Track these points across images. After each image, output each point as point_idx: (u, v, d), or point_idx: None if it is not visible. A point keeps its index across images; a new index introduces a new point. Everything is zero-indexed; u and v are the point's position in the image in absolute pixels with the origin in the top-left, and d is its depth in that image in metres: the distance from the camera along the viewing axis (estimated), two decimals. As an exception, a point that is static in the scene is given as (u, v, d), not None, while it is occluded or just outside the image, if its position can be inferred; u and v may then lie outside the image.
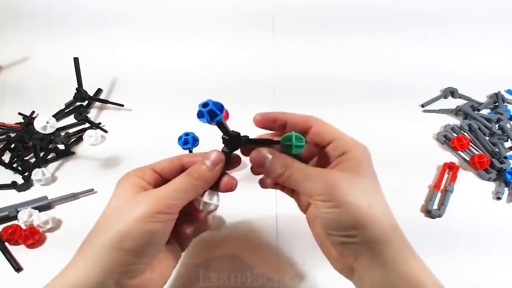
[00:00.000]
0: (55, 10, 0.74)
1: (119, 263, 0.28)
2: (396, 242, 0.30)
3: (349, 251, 0.30)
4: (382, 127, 0.60)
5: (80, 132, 0.60)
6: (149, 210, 0.28)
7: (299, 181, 0.30)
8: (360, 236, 0.28)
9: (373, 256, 0.29)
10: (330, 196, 0.29)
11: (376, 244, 0.29)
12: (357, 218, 0.28)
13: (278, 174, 0.30)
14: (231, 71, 0.71)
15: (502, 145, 0.56)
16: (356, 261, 0.29)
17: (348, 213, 0.28)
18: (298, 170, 0.30)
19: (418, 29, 0.73)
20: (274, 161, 0.30)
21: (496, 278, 0.42)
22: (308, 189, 0.30)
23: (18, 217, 0.46)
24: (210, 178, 0.31)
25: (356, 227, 0.28)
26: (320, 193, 0.29)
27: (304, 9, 0.73)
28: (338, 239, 0.29)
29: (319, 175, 0.30)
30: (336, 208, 0.28)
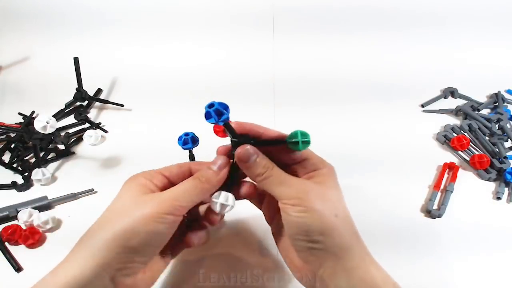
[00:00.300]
0: (55, 10, 0.74)
1: (119, 260, 0.29)
2: (358, 249, 0.31)
3: (314, 257, 0.31)
4: (382, 127, 0.60)
5: (80, 132, 0.60)
6: (157, 210, 0.30)
7: (274, 183, 0.32)
8: (326, 242, 0.30)
9: (337, 262, 0.30)
10: (301, 200, 0.30)
11: (340, 251, 0.30)
12: (324, 225, 0.30)
13: (258, 173, 0.32)
14: (231, 71, 0.71)
15: (502, 145, 0.56)
16: (321, 268, 0.31)
17: (317, 218, 0.30)
18: (276, 174, 0.32)
19: (418, 29, 0.73)
20: (258, 160, 0.32)
21: (496, 278, 0.42)
22: (281, 192, 0.31)
23: (18, 217, 0.46)
24: (216, 182, 0.32)
25: (322, 233, 0.30)
26: (292, 197, 0.31)
27: (304, 9, 0.73)
28: (305, 245, 0.31)
29: (293, 181, 0.32)
30: (305, 213, 0.30)
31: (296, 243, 0.31)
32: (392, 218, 0.47)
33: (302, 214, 0.30)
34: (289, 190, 0.31)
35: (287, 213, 0.31)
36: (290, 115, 0.62)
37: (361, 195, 0.50)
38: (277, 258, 0.43)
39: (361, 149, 0.56)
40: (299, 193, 0.31)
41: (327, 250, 0.30)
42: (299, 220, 0.30)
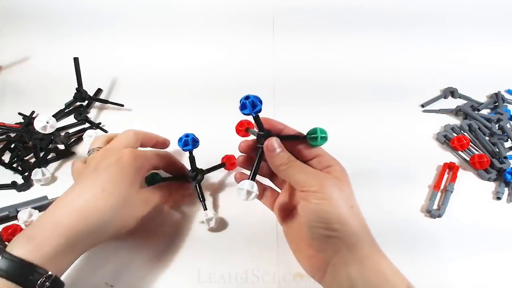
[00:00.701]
0: (55, 10, 0.74)
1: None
2: (369, 241, 0.34)
3: (329, 245, 0.33)
4: (382, 127, 0.60)
5: (80, 132, 0.60)
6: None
7: (297, 172, 0.35)
8: (342, 230, 0.32)
9: (351, 251, 0.32)
10: (322, 187, 0.33)
11: (354, 240, 0.32)
12: (342, 214, 0.33)
13: (281, 163, 0.36)
14: (231, 71, 0.71)
15: (502, 145, 0.56)
16: (335, 256, 0.33)
17: (335, 207, 0.33)
18: (298, 164, 0.36)
19: (418, 29, 0.73)
20: (282, 152, 0.36)
21: (496, 278, 0.42)
22: (302, 180, 0.35)
23: (18, 217, 0.46)
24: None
25: (340, 221, 0.32)
26: (312, 185, 0.34)
27: (304, 9, 0.73)
28: (322, 232, 0.33)
29: (313, 171, 0.36)
30: (325, 200, 0.33)
31: (314, 231, 0.33)
32: (392, 218, 0.47)
33: (323, 201, 0.33)
34: (310, 178, 0.34)
35: (308, 200, 0.33)
36: (290, 115, 0.61)
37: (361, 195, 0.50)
38: (278, 258, 0.43)
39: (361, 149, 0.56)
40: (320, 182, 0.34)
41: (343, 238, 0.32)
42: (319, 208, 0.33)
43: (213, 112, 0.62)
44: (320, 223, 0.33)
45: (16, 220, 0.47)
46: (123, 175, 0.38)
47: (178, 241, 0.45)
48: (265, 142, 0.36)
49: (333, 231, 0.32)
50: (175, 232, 0.46)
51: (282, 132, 0.38)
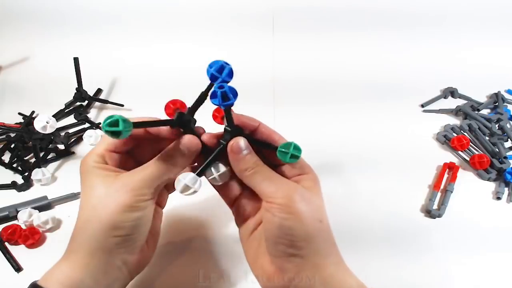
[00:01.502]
0: (55, 10, 0.74)
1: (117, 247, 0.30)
2: (334, 257, 0.31)
3: (292, 265, 0.30)
4: (382, 127, 0.60)
5: (80, 132, 0.60)
6: (131, 199, 0.30)
7: (263, 180, 0.31)
8: (308, 249, 0.29)
9: (315, 271, 0.29)
10: (289, 201, 0.29)
11: (318, 259, 0.30)
12: (309, 231, 0.29)
13: (247, 167, 0.31)
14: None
15: (502, 145, 0.56)
16: (298, 276, 0.30)
17: (303, 222, 0.29)
18: (265, 171, 0.31)
19: (418, 29, 0.73)
20: (249, 155, 0.31)
21: (496, 278, 0.42)
22: (268, 190, 0.31)
23: (18, 217, 0.46)
24: (185, 165, 0.31)
25: (306, 239, 0.29)
26: (278, 196, 0.30)
27: (304, 9, 0.73)
28: (285, 250, 0.30)
29: (281, 181, 0.31)
30: (291, 215, 0.29)
31: (275, 248, 0.30)
32: (392, 218, 0.47)
33: (288, 216, 0.29)
34: (276, 189, 0.30)
35: (272, 213, 0.30)
36: (290, 115, 0.62)
37: (361, 195, 0.50)
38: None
39: (361, 149, 0.56)
40: (286, 193, 0.30)
41: (308, 257, 0.29)
42: (283, 223, 0.29)
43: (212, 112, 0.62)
44: (284, 240, 0.29)
45: (16, 220, 0.47)
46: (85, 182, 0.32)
47: (177, 241, 0.45)
48: (230, 141, 0.31)
49: (298, 249, 0.29)
50: (175, 232, 0.46)
51: (257, 130, 0.33)
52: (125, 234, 0.30)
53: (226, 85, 0.30)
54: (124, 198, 0.29)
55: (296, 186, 0.31)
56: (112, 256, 0.30)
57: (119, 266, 0.31)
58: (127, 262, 0.31)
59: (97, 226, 0.29)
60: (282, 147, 0.31)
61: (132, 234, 0.30)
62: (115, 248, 0.30)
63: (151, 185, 0.30)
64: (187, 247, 0.45)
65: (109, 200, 0.30)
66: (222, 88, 0.29)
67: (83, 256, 0.30)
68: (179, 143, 0.31)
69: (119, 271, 0.31)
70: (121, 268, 0.31)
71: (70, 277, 0.29)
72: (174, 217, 0.48)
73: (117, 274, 0.31)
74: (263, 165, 0.32)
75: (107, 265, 0.30)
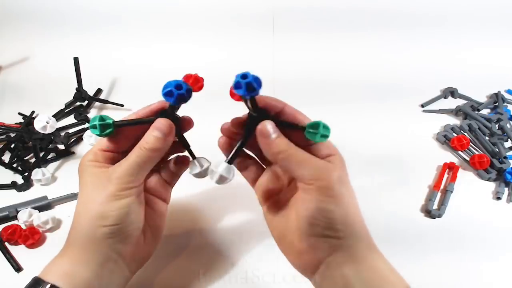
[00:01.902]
0: (55, 10, 0.74)
1: (107, 235, 0.31)
2: (367, 241, 0.31)
3: (327, 245, 0.30)
4: (382, 127, 0.60)
5: (80, 132, 0.60)
6: (114, 190, 0.31)
7: (299, 163, 0.30)
8: (346, 231, 0.30)
9: (349, 252, 0.30)
10: (330, 183, 0.29)
11: (353, 241, 0.30)
12: (349, 215, 0.30)
13: (279, 150, 0.30)
14: (231, 72, 0.70)
15: (502, 145, 0.56)
16: (331, 255, 0.30)
17: (343, 205, 0.30)
18: (299, 153, 0.30)
19: (418, 29, 0.73)
20: (279, 138, 0.30)
21: (496, 278, 0.42)
22: (306, 173, 0.30)
23: (18, 217, 0.46)
24: (163, 148, 0.32)
25: (345, 223, 0.30)
26: (319, 179, 0.29)
27: (304, 10, 0.73)
28: (322, 232, 0.30)
29: (319, 163, 0.30)
30: (332, 198, 0.29)
31: (311, 228, 0.30)
32: (392, 218, 0.47)
33: (329, 199, 0.29)
34: (314, 171, 0.30)
35: (310, 195, 0.30)
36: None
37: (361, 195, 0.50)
38: (278, 259, 0.43)
39: (361, 149, 0.56)
40: (327, 175, 0.30)
41: (343, 239, 0.30)
42: (322, 205, 0.29)
43: (212, 113, 0.62)
44: (322, 222, 0.29)
45: (16, 220, 0.47)
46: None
47: (178, 240, 0.45)
48: (258, 126, 0.31)
49: (336, 231, 0.29)
50: (175, 232, 0.46)
51: (282, 112, 0.33)
52: (113, 223, 0.31)
53: (250, 74, 0.28)
54: (110, 188, 0.31)
55: (334, 167, 0.30)
56: (104, 247, 0.31)
57: (114, 258, 0.32)
58: (121, 254, 0.32)
59: (87, 218, 0.31)
60: (310, 127, 0.30)
61: (120, 223, 0.31)
62: (105, 238, 0.31)
63: (133, 173, 0.31)
64: (186, 247, 0.45)
65: (96, 193, 0.31)
66: (246, 78, 0.28)
67: (78, 249, 0.31)
68: (153, 127, 0.32)
69: (115, 264, 0.32)
70: (116, 260, 0.32)
71: (68, 269, 0.30)
72: (172, 216, 0.48)
73: (112, 266, 0.32)
74: (295, 147, 0.31)
75: (101, 257, 0.31)
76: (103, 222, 0.30)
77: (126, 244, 0.32)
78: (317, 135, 0.30)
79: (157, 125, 0.32)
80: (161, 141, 0.31)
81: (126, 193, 0.31)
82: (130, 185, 0.31)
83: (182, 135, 0.36)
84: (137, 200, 0.32)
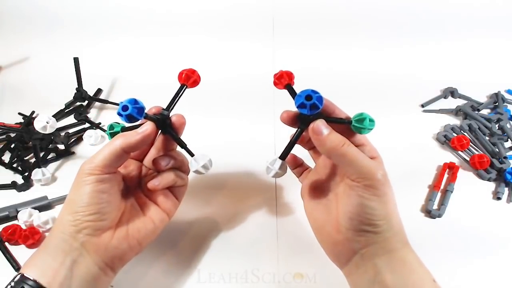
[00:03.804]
0: (55, 11, 0.74)
1: (69, 221, 0.33)
2: (401, 235, 0.33)
3: (363, 238, 0.32)
4: (382, 127, 0.60)
5: (80, 132, 0.60)
6: (78, 176, 0.34)
7: (351, 161, 0.32)
8: (384, 227, 0.32)
9: (383, 244, 0.32)
10: (376, 183, 0.31)
11: (389, 235, 0.32)
12: (389, 213, 0.32)
13: (336, 145, 0.32)
14: (231, 73, 0.71)
15: (502, 145, 0.56)
16: (366, 248, 0.32)
17: (385, 206, 0.32)
18: (356, 150, 0.32)
19: (418, 29, 0.73)
20: (332, 134, 0.33)
21: (496, 278, 0.42)
22: (357, 171, 0.32)
23: (18, 217, 0.46)
24: (133, 143, 0.34)
25: (385, 219, 0.32)
26: (368, 177, 0.31)
27: (304, 12, 0.73)
28: (361, 226, 0.32)
29: (368, 161, 0.32)
30: (376, 197, 0.31)
31: (352, 222, 0.32)
32: (392, 218, 0.47)
33: (373, 198, 0.31)
34: (363, 170, 0.32)
35: (356, 191, 0.32)
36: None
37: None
38: (277, 259, 0.43)
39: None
40: (375, 174, 0.32)
41: (382, 234, 0.32)
42: (367, 203, 0.31)
43: (212, 113, 0.62)
44: (364, 218, 0.32)
45: (16, 220, 0.47)
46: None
47: (177, 241, 0.45)
48: (310, 125, 0.33)
49: (375, 227, 0.32)
50: (174, 232, 0.46)
51: (333, 114, 0.35)
52: (82, 208, 0.32)
53: (314, 95, 0.31)
54: (80, 177, 0.33)
55: (381, 167, 0.33)
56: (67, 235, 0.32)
57: (77, 248, 0.32)
58: (84, 245, 0.33)
59: (63, 209, 0.34)
60: (356, 122, 0.33)
61: (84, 208, 0.33)
62: (68, 225, 0.32)
63: (98, 161, 0.34)
64: (186, 247, 0.45)
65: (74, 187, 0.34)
66: (311, 99, 0.31)
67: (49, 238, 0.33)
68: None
69: (79, 255, 0.32)
70: (81, 252, 0.33)
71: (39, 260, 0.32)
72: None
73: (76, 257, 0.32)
74: (350, 143, 0.33)
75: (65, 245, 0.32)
76: (69, 208, 0.33)
77: (90, 236, 0.33)
78: (364, 129, 0.33)
79: (143, 126, 0.34)
80: (134, 135, 0.34)
81: (90, 179, 0.33)
82: (90, 171, 0.33)
83: (177, 136, 0.37)
84: (101, 188, 0.33)
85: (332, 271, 0.39)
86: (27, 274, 0.31)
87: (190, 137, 0.45)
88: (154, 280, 0.42)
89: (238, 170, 0.52)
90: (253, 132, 0.58)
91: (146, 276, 0.42)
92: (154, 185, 0.37)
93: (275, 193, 0.50)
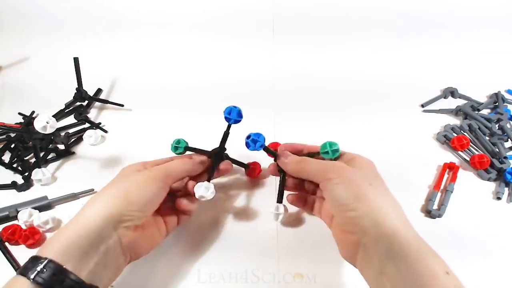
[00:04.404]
0: (55, 11, 0.74)
1: (120, 211, 0.34)
2: (395, 214, 0.34)
3: (355, 226, 0.33)
4: (382, 127, 0.60)
5: (80, 132, 0.60)
6: (148, 176, 0.38)
7: (311, 166, 0.38)
8: (362, 208, 0.33)
9: (378, 228, 0.32)
10: (334, 174, 0.36)
11: (377, 216, 0.33)
12: (359, 192, 0.34)
13: (294, 161, 0.40)
14: (231, 74, 0.71)
15: (502, 145, 0.56)
16: (364, 236, 0.33)
17: (351, 186, 0.35)
18: (310, 160, 0.39)
19: (418, 29, 0.73)
20: (291, 157, 0.41)
21: (496, 278, 0.42)
22: (318, 172, 0.37)
23: (18, 217, 0.46)
24: (200, 164, 0.43)
25: (358, 199, 0.33)
26: (327, 172, 0.36)
27: (304, 12, 0.73)
28: (345, 214, 0.34)
29: (326, 162, 0.38)
30: (340, 184, 0.35)
31: (339, 215, 0.35)
32: (392, 218, 0.47)
33: (338, 185, 0.35)
34: (323, 168, 0.37)
35: (326, 189, 0.36)
36: (290, 116, 0.62)
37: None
38: (278, 259, 0.43)
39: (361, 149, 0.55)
40: (333, 169, 0.36)
41: (365, 216, 0.33)
42: (335, 192, 0.35)
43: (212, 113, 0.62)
44: (341, 206, 0.34)
45: (16, 220, 0.47)
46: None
47: (177, 241, 0.45)
48: (277, 155, 0.42)
49: (353, 210, 0.33)
50: (174, 232, 0.46)
51: (305, 150, 0.43)
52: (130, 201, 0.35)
53: (252, 133, 0.40)
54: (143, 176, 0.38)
55: (339, 163, 0.38)
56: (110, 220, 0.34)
57: (110, 232, 0.34)
58: (118, 233, 0.34)
59: (112, 189, 0.37)
60: (322, 150, 0.39)
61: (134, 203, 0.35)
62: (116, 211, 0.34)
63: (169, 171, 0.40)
64: (186, 247, 0.45)
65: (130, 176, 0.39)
66: (249, 137, 0.40)
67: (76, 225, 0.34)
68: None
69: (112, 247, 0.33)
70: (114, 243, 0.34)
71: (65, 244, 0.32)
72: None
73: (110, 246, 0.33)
74: (307, 158, 0.40)
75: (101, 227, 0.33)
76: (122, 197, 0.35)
77: (127, 229, 0.34)
78: (330, 153, 0.39)
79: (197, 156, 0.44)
80: (201, 160, 0.43)
81: (160, 184, 0.38)
82: (160, 177, 0.38)
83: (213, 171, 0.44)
84: (158, 193, 0.38)
85: (332, 271, 0.39)
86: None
87: (190, 137, 0.45)
88: (154, 280, 0.42)
89: (238, 170, 0.52)
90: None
91: (146, 276, 0.42)
92: (188, 207, 0.41)
93: (275, 193, 0.50)
